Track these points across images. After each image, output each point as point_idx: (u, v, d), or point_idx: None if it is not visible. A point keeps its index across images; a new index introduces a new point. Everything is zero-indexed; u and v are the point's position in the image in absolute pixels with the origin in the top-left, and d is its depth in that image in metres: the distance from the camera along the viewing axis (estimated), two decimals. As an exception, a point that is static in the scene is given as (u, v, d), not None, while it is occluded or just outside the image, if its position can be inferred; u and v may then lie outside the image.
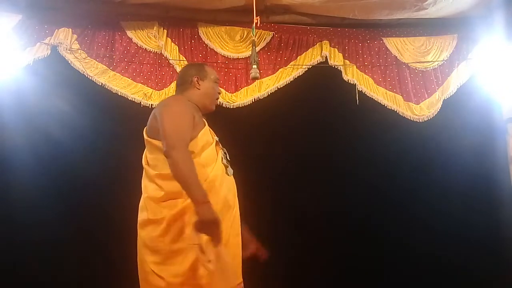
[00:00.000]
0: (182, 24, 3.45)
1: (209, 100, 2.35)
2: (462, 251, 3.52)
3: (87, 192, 3.52)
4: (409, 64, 3.57)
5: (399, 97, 3.53)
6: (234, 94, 3.40)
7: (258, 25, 2.84)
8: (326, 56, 3.51)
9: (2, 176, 3.35)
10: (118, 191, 3.53)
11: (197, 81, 2.33)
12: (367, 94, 3.51)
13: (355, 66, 3.53)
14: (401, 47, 3.59)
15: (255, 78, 2.91)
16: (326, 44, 3.53)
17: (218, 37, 3.47)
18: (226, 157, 2.29)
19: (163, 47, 3.37)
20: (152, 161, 2.22)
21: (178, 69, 3.38)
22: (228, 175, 2.23)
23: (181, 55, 3.40)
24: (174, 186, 2.02)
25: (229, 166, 2.26)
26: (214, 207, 1.96)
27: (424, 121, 3.50)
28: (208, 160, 2.16)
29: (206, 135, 2.20)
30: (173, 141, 2.02)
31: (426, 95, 3.54)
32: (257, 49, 3.32)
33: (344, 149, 3.75)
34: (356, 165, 3.73)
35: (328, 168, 3.78)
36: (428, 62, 3.57)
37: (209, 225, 1.92)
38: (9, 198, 3.33)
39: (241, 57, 3.46)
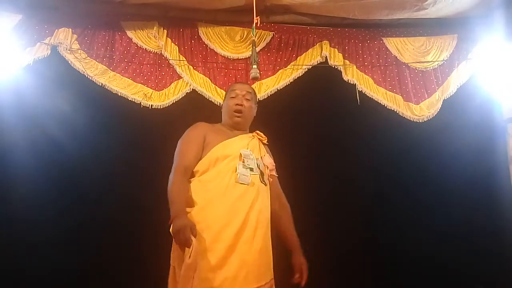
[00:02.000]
0: (182, 24, 3.45)
1: (227, 116, 2.58)
2: (462, 251, 3.51)
3: (87, 191, 3.51)
4: (409, 64, 3.57)
5: (399, 97, 3.53)
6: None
7: (258, 25, 2.84)
8: (326, 56, 3.51)
9: (2, 176, 3.34)
10: (118, 191, 3.53)
11: (222, 103, 2.70)
12: (367, 94, 3.51)
13: (355, 66, 3.53)
14: (401, 47, 3.60)
15: (255, 78, 2.91)
16: (326, 44, 3.53)
17: (218, 37, 3.47)
18: (247, 165, 2.34)
19: (163, 47, 3.37)
20: None
21: (178, 69, 3.38)
22: (240, 183, 2.29)
23: (181, 55, 3.41)
24: None
25: (246, 175, 2.31)
26: (214, 212, 2.19)
27: (424, 121, 3.50)
28: (218, 173, 2.31)
29: (218, 151, 2.36)
30: (173, 165, 2.36)
31: (426, 95, 3.54)
32: (257, 49, 3.32)
33: (344, 149, 3.75)
34: (356, 165, 3.73)
35: (328, 168, 3.77)
36: (428, 62, 3.57)
37: (177, 235, 2.08)
38: (9, 197, 3.33)
39: (241, 58, 3.46)
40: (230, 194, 2.27)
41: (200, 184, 2.31)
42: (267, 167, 2.46)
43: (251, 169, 2.34)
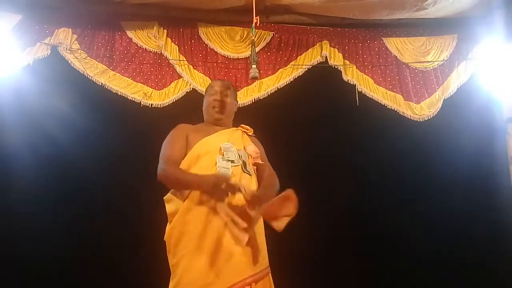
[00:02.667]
0: (182, 24, 3.45)
1: (207, 113, 2.55)
2: (462, 251, 3.51)
3: (86, 191, 3.51)
4: (409, 64, 3.57)
5: (399, 96, 3.53)
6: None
7: (258, 25, 2.84)
8: (326, 56, 3.51)
9: (2, 176, 3.34)
10: (118, 191, 3.53)
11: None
12: (367, 94, 3.51)
13: (355, 66, 3.53)
14: (401, 47, 3.60)
15: (254, 78, 2.91)
16: (326, 44, 3.53)
17: (218, 37, 3.47)
18: (227, 157, 2.31)
19: (163, 47, 3.38)
20: None
21: (178, 69, 3.39)
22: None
23: (181, 55, 3.41)
24: None
25: (227, 167, 2.28)
26: (198, 209, 2.18)
27: (424, 120, 3.50)
28: (199, 169, 2.27)
29: (199, 148, 2.34)
30: (160, 165, 2.33)
31: (426, 95, 3.54)
32: (257, 49, 3.33)
33: (344, 149, 3.75)
34: (356, 165, 3.73)
35: (327, 168, 3.77)
36: (428, 62, 3.57)
37: (217, 187, 2.10)
38: (9, 197, 3.33)
39: (241, 57, 3.46)
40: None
41: None
42: (251, 156, 2.42)
43: (232, 161, 2.32)
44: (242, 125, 2.56)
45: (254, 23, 2.80)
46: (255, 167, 2.45)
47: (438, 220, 3.64)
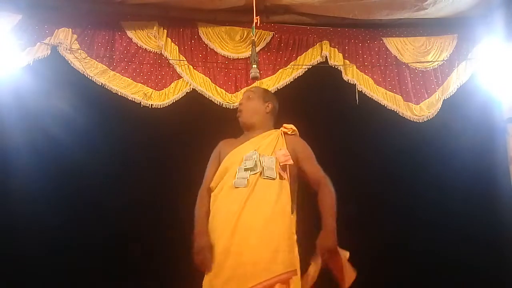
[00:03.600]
0: (182, 24, 3.45)
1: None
2: (462, 251, 3.51)
3: (86, 191, 3.52)
4: (409, 64, 3.56)
5: (399, 97, 3.52)
6: (234, 94, 3.40)
7: (258, 25, 2.84)
8: (326, 56, 3.50)
9: (2, 176, 3.35)
10: (118, 189, 3.54)
11: None
12: (367, 94, 3.50)
13: (355, 66, 3.53)
14: (401, 47, 3.59)
15: (255, 78, 2.92)
16: (326, 44, 3.53)
17: (218, 37, 3.47)
18: (246, 166, 2.37)
19: (163, 47, 3.37)
20: None
21: (178, 69, 3.38)
22: (236, 187, 2.33)
23: (181, 55, 3.40)
24: None
25: (245, 177, 2.34)
26: (216, 222, 2.31)
27: (424, 121, 3.49)
28: (224, 183, 2.40)
29: (227, 161, 2.44)
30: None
31: (426, 95, 3.54)
32: (257, 49, 3.32)
33: (343, 149, 3.75)
34: (355, 165, 3.73)
35: (327, 168, 3.77)
36: (428, 62, 3.57)
37: (195, 256, 2.26)
38: (9, 197, 3.33)
39: (241, 57, 3.46)
40: (227, 200, 2.34)
41: (213, 197, 2.42)
42: (278, 161, 2.40)
43: (251, 169, 2.35)
44: (285, 124, 2.57)
45: (254, 23, 2.80)
46: (289, 169, 2.42)
47: (438, 221, 3.64)
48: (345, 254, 2.31)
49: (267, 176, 2.34)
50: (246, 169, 2.35)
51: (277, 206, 2.30)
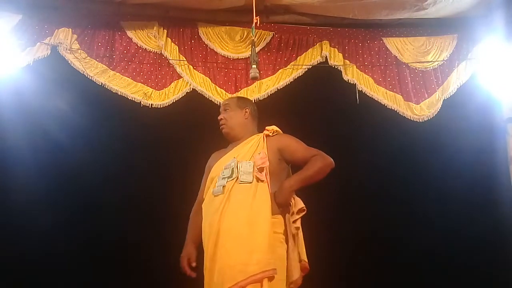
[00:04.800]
0: (182, 24, 3.45)
1: None
2: (462, 251, 3.52)
3: (86, 190, 3.52)
4: (409, 64, 3.56)
5: (399, 97, 3.52)
6: (234, 94, 3.40)
7: (258, 25, 2.84)
8: (326, 56, 3.51)
9: (2, 176, 3.35)
10: (117, 189, 3.53)
11: None
12: (367, 94, 3.50)
13: (355, 66, 3.53)
14: (401, 47, 3.59)
15: (254, 78, 2.91)
16: (326, 44, 3.53)
17: (218, 37, 3.47)
18: (224, 175, 2.44)
19: (163, 47, 3.37)
20: None
21: (178, 69, 3.39)
22: (215, 195, 2.42)
23: (181, 55, 3.40)
24: None
25: (221, 185, 2.41)
26: (203, 232, 2.42)
27: (424, 121, 3.49)
28: (208, 193, 2.50)
29: (212, 172, 2.53)
30: None
31: (426, 95, 3.54)
32: (257, 49, 3.32)
33: (343, 148, 3.75)
34: (355, 165, 3.73)
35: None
36: (428, 62, 3.57)
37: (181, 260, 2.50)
38: (9, 197, 3.33)
39: (241, 57, 3.46)
40: (209, 208, 2.43)
41: (203, 207, 2.51)
42: (255, 164, 2.43)
43: (228, 177, 2.42)
44: (267, 127, 2.60)
45: (254, 23, 2.80)
46: (277, 170, 2.48)
47: (438, 220, 3.64)
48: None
49: (242, 181, 2.38)
50: (223, 178, 2.43)
51: (253, 208, 2.33)
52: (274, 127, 2.59)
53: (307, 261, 2.44)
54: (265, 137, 2.54)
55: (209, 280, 2.28)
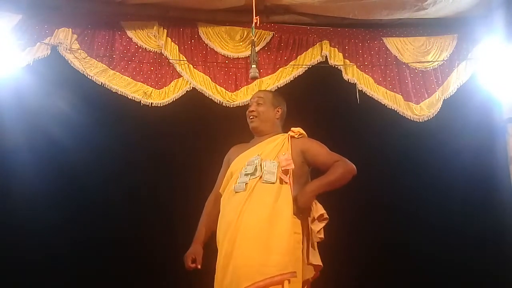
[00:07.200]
0: (182, 24, 3.45)
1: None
2: (462, 251, 3.51)
3: (86, 190, 3.52)
4: (409, 64, 3.56)
5: (399, 96, 3.52)
6: (234, 93, 3.40)
7: (258, 25, 2.84)
8: (326, 56, 3.51)
9: (2, 176, 3.35)
10: (118, 189, 3.53)
11: None
12: (367, 94, 3.50)
13: (355, 66, 3.53)
14: (401, 47, 3.59)
15: (254, 78, 2.92)
16: (326, 44, 3.53)
17: (218, 37, 3.47)
18: (246, 171, 2.41)
19: (163, 46, 3.38)
20: None
21: (178, 68, 3.39)
22: (236, 192, 2.38)
23: (181, 55, 3.41)
24: None
25: (244, 182, 2.38)
26: (219, 227, 2.38)
27: (424, 121, 3.49)
28: (228, 188, 2.47)
29: (233, 167, 2.50)
30: None
31: (426, 95, 3.54)
32: (257, 49, 3.32)
33: (343, 148, 3.74)
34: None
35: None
36: (428, 62, 3.57)
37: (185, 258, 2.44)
38: (9, 197, 3.33)
39: (241, 57, 3.46)
40: (228, 205, 2.39)
41: (221, 202, 2.48)
42: (280, 165, 2.41)
43: (251, 174, 2.39)
44: (292, 128, 2.59)
45: (254, 23, 2.80)
46: (299, 173, 2.46)
47: (438, 221, 3.64)
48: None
49: (265, 180, 2.36)
50: (246, 174, 2.40)
51: (275, 209, 2.31)
52: (300, 129, 2.58)
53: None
54: (290, 138, 2.53)
55: (222, 277, 2.24)
